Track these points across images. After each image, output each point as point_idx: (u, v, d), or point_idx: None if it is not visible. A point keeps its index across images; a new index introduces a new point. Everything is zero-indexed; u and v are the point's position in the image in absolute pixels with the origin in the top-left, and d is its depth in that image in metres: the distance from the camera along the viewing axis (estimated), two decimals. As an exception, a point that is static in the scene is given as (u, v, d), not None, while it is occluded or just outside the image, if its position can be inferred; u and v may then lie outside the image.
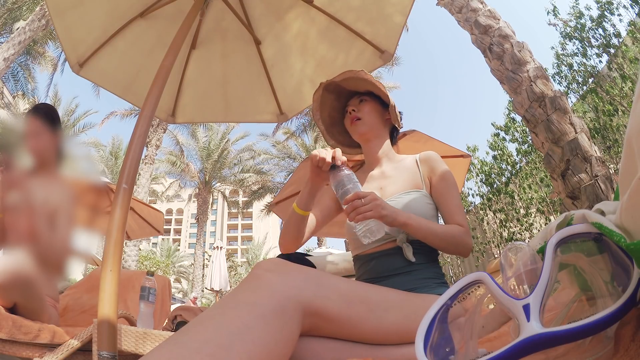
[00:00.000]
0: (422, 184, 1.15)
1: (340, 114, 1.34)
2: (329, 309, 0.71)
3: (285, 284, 0.67)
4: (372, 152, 1.27)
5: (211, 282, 8.42)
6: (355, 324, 0.74)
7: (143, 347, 1.12)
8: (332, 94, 1.30)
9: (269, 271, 0.68)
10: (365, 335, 0.77)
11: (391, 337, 0.78)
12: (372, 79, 1.21)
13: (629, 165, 0.39)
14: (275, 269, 0.70)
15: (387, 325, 0.78)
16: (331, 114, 1.34)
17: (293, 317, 0.64)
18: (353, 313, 0.74)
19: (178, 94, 2.46)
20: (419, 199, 1.10)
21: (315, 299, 0.69)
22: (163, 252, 33.71)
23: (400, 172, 1.20)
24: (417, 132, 3.89)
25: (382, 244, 1.08)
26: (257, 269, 0.70)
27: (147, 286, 1.48)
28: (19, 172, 1.44)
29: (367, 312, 0.76)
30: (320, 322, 0.71)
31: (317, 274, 0.75)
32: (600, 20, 5.45)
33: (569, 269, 0.47)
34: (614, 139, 5.11)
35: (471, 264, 8.24)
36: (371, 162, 1.28)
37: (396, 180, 1.18)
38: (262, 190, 18.51)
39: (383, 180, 1.20)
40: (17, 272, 1.24)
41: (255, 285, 0.66)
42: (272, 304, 0.62)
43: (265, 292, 0.64)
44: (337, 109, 1.33)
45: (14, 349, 1.13)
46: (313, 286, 0.70)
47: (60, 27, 2.03)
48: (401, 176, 1.19)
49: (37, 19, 9.13)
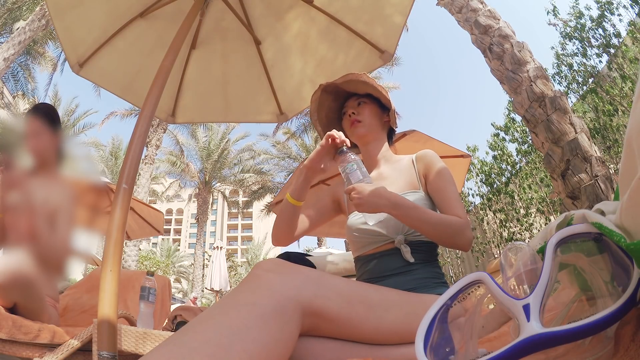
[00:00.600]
0: (419, 184, 1.15)
1: (337, 115, 1.34)
2: (329, 309, 0.71)
3: (285, 284, 0.67)
4: (370, 155, 1.27)
5: (211, 282, 8.42)
6: (355, 323, 0.75)
7: (143, 347, 1.12)
8: (330, 95, 1.30)
9: (268, 271, 0.69)
10: (365, 335, 0.77)
11: (391, 337, 0.78)
12: (374, 83, 1.20)
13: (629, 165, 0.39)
14: (275, 269, 0.70)
15: (387, 324, 0.78)
16: (328, 115, 1.33)
17: (293, 317, 0.64)
18: (353, 313, 0.74)
19: (178, 94, 2.46)
20: (412, 197, 1.10)
21: (315, 299, 0.69)
22: (163, 252, 33.71)
23: (397, 173, 1.20)
24: (417, 132, 3.89)
25: (381, 245, 1.09)
26: (256, 269, 0.70)
27: (147, 286, 1.48)
28: (19, 172, 1.44)
29: (366, 311, 0.76)
30: (320, 322, 0.71)
31: (317, 274, 0.75)
32: (600, 20, 5.45)
33: (569, 269, 0.47)
34: (614, 139, 5.11)
35: (471, 264, 8.24)
36: (369, 164, 1.28)
37: (394, 181, 1.18)
38: (262, 190, 18.52)
39: (381, 181, 1.20)
40: (17, 272, 1.24)
41: (254, 286, 0.66)
42: (272, 304, 0.63)
43: (265, 292, 0.64)
44: (333, 109, 1.33)
45: (14, 349, 1.13)
46: (313, 286, 0.71)
47: (60, 27, 2.03)
48: (398, 177, 1.19)
49: (37, 19, 9.13)
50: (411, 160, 1.21)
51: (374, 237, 1.09)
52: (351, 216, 1.18)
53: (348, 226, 1.17)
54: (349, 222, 1.17)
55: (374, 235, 1.09)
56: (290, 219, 1.14)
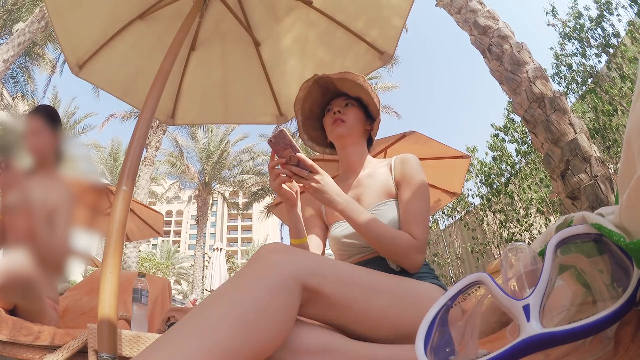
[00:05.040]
0: (395, 190, 1.12)
1: (321, 110, 1.31)
2: (325, 287, 0.75)
3: (287, 261, 0.72)
4: (347, 159, 1.25)
5: (211, 283, 8.42)
6: (348, 302, 0.78)
7: (137, 351, 1.11)
8: (321, 88, 1.27)
9: (271, 252, 0.74)
10: (355, 315, 0.79)
11: (379, 320, 0.81)
12: (369, 88, 1.20)
13: (628, 164, 0.39)
14: (277, 249, 0.75)
15: (375, 307, 0.81)
16: (312, 108, 1.31)
17: (294, 289, 0.70)
18: (347, 292, 0.78)
19: (177, 96, 2.46)
20: (390, 206, 1.09)
21: (313, 276, 0.74)
22: (163, 253, 33.70)
23: (374, 180, 1.17)
24: (416, 133, 3.90)
25: (365, 255, 1.09)
26: (260, 250, 0.76)
27: (139, 288, 1.45)
28: (18, 172, 1.44)
29: (359, 292, 0.80)
30: (316, 297, 0.75)
31: (316, 256, 0.80)
32: (599, 20, 5.46)
33: (570, 270, 0.47)
34: (613, 139, 5.12)
35: (471, 265, 8.24)
36: (346, 170, 1.26)
37: (370, 189, 1.16)
38: (261, 191, 18.51)
39: (359, 188, 1.19)
40: (17, 273, 1.24)
41: (259, 264, 0.72)
42: (276, 278, 0.69)
43: (270, 268, 0.70)
44: (319, 104, 1.31)
45: (14, 350, 1.13)
46: (312, 264, 0.75)
47: (60, 28, 2.03)
48: (375, 184, 1.16)
49: (37, 21, 9.13)
50: (389, 166, 1.18)
51: (360, 248, 1.10)
52: (333, 227, 1.18)
53: (332, 237, 1.17)
54: (333, 234, 1.17)
55: (359, 247, 1.10)
56: None
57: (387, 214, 1.07)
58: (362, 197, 1.16)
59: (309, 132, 1.34)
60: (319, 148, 1.35)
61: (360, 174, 1.22)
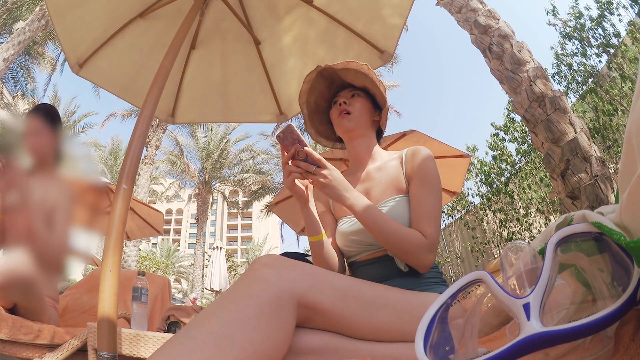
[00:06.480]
0: (406, 185, 1.08)
1: (327, 103, 1.27)
2: (322, 303, 0.72)
3: (280, 277, 0.69)
4: (356, 152, 1.20)
5: (211, 282, 8.42)
6: (347, 319, 0.75)
7: (137, 350, 1.11)
8: (325, 81, 1.22)
9: (265, 266, 0.71)
10: (356, 331, 0.77)
11: (382, 335, 0.78)
12: (374, 76, 1.15)
13: (628, 163, 0.39)
14: (272, 263, 0.72)
15: (377, 323, 0.77)
16: (317, 101, 1.26)
17: (288, 307, 0.67)
18: (346, 308, 0.75)
19: (178, 94, 2.46)
20: (400, 202, 1.04)
21: (308, 292, 0.71)
22: (163, 252, 33.70)
23: (384, 174, 1.13)
24: (416, 132, 3.90)
25: (372, 253, 1.05)
26: (254, 264, 0.73)
27: (138, 286, 1.45)
28: (18, 172, 1.44)
29: (359, 309, 0.76)
30: (314, 314, 0.72)
31: (312, 269, 0.76)
32: (600, 20, 5.45)
33: (570, 269, 0.47)
34: (613, 139, 5.11)
35: (471, 264, 8.24)
36: (355, 162, 1.22)
37: (380, 183, 1.12)
38: (261, 190, 18.51)
39: (368, 182, 1.15)
40: (16, 272, 1.24)
41: (251, 279, 0.69)
42: (268, 296, 0.66)
43: (261, 285, 0.67)
44: (325, 97, 1.26)
45: (14, 349, 1.13)
46: (307, 279, 0.72)
47: (60, 27, 2.03)
48: (385, 178, 1.12)
49: (37, 19, 9.12)
50: (400, 158, 1.13)
51: (367, 245, 1.06)
52: (341, 223, 1.14)
53: (340, 233, 1.12)
54: (340, 229, 1.12)
55: (367, 245, 1.05)
56: (322, 254, 1.06)
57: (396, 210, 1.03)
58: (371, 192, 1.12)
59: (316, 127, 1.29)
60: (328, 142, 1.31)
61: (369, 167, 1.18)
